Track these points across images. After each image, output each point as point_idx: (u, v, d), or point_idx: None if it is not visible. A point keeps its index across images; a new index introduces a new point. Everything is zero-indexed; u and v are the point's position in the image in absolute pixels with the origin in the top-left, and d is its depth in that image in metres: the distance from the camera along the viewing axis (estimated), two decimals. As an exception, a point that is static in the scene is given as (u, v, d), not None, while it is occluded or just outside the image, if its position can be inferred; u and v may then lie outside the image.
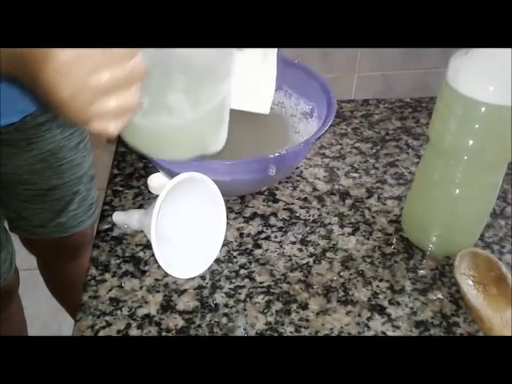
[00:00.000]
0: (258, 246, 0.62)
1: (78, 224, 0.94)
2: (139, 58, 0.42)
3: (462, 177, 0.55)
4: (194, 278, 0.58)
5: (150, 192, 0.69)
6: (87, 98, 0.41)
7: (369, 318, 0.55)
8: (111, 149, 0.81)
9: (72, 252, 1.00)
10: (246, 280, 0.58)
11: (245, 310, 0.55)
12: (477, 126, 0.51)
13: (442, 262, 0.61)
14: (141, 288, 0.57)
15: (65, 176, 0.87)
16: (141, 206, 0.67)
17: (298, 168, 0.74)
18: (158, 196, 0.54)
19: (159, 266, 0.56)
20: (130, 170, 0.73)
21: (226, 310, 0.55)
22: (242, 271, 0.59)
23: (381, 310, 0.56)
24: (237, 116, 0.72)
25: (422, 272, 0.60)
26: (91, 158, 0.92)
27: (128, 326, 0.54)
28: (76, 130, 0.86)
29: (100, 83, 0.40)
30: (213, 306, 0.56)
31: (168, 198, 0.54)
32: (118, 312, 0.55)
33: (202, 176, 0.57)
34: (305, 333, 0.53)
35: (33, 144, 0.81)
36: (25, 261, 1.09)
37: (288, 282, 0.58)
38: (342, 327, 0.54)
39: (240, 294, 0.57)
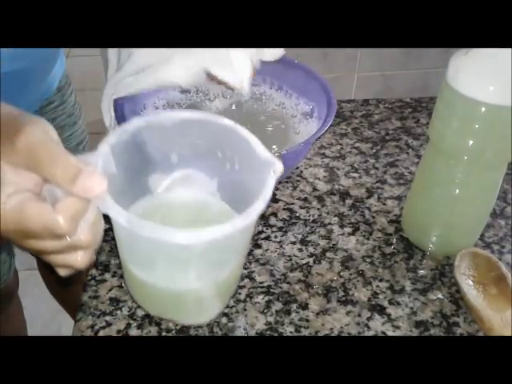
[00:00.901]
0: (258, 246, 0.62)
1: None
2: (83, 230, 0.37)
3: (461, 177, 0.55)
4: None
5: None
6: (26, 249, 0.38)
7: (369, 318, 0.55)
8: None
9: None
10: (246, 280, 0.58)
11: (245, 310, 0.55)
12: (477, 126, 0.51)
13: (442, 261, 0.61)
14: (141, 288, 0.57)
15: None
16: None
17: (298, 168, 0.74)
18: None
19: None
20: (130, 170, 0.73)
21: (226, 310, 0.55)
22: (242, 271, 0.59)
23: (381, 310, 0.56)
24: (237, 117, 0.72)
25: (421, 272, 0.60)
26: None
27: (128, 326, 0.54)
28: (75, 131, 0.86)
29: (35, 248, 0.38)
30: (213, 306, 0.56)
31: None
32: (118, 312, 0.55)
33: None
34: (305, 333, 0.53)
35: None
36: (25, 261, 1.09)
37: (288, 282, 0.58)
38: (341, 327, 0.54)
39: (240, 294, 0.57)
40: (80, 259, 0.38)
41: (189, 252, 0.41)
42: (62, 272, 0.40)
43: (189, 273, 0.44)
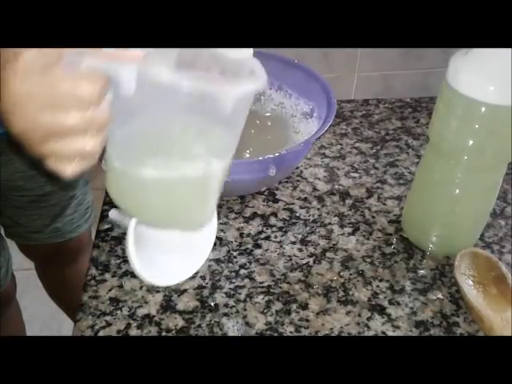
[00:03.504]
0: (258, 246, 0.62)
1: (75, 229, 0.93)
2: (103, 107, 0.37)
3: (461, 177, 0.55)
4: (194, 277, 0.58)
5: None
6: (38, 136, 0.37)
7: (369, 318, 0.55)
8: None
9: (69, 257, 1.00)
10: (246, 280, 0.58)
11: (245, 309, 0.55)
12: (477, 126, 0.51)
13: (441, 262, 0.61)
14: (141, 288, 0.57)
15: (59, 181, 0.86)
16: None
17: (298, 168, 0.74)
18: None
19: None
20: (130, 170, 0.73)
21: (226, 310, 0.55)
22: (242, 271, 0.59)
23: (381, 310, 0.56)
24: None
25: (422, 272, 0.60)
26: None
27: (128, 325, 0.54)
28: None
29: (52, 124, 0.36)
30: (213, 306, 0.56)
31: None
32: (118, 312, 0.55)
33: None
34: (305, 333, 0.53)
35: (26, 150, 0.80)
36: (24, 261, 1.09)
37: (288, 282, 0.58)
38: (342, 327, 0.54)
39: (240, 294, 0.57)
40: (92, 143, 0.37)
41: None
42: (69, 169, 0.39)
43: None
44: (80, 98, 0.35)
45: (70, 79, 0.34)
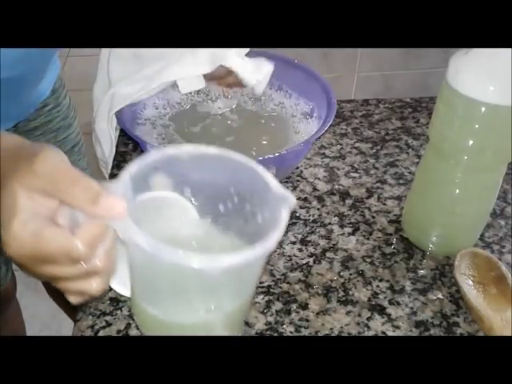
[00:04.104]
0: (258, 246, 0.62)
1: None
2: (100, 256, 0.37)
3: (461, 177, 0.55)
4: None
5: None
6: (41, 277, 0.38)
7: (369, 318, 0.55)
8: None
9: None
10: (246, 280, 0.58)
11: (245, 310, 0.55)
12: (477, 126, 0.51)
13: (441, 262, 0.61)
14: (141, 288, 0.57)
15: None
16: (141, 206, 0.67)
17: (298, 168, 0.74)
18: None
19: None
20: (130, 170, 0.73)
21: (226, 310, 0.55)
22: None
23: (381, 310, 0.56)
24: (237, 116, 0.72)
25: (422, 272, 0.60)
26: (86, 161, 0.92)
27: (128, 325, 0.54)
28: (70, 133, 0.86)
29: (50, 274, 0.37)
30: (213, 305, 0.56)
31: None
32: (118, 312, 0.55)
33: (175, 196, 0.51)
34: (305, 333, 0.53)
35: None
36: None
37: (288, 282, 0.58)
38: (342, 327, 0.54)
39: (240, 294, 0.57)
40: (95, 286, 0.38)
41: (204, 279, 0.41)
42: (74, 299, 0.39)
43: (200, 303, 0.44)
44: (70, 255, 0.35)
45: (58, 239, 0.35)
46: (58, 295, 1.13)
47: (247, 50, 0.67)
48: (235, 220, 0.50)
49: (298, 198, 0.69)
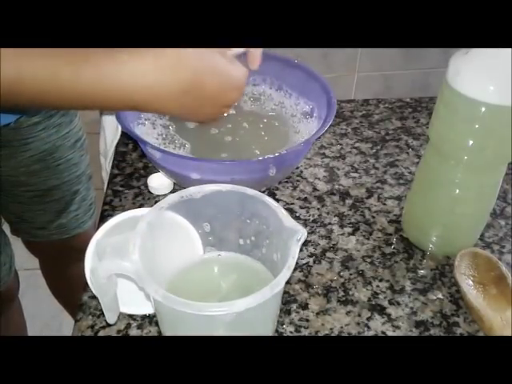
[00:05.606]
0: (258, 246, 0.62)
1: (80, 225, 0.94)
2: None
3: (461, 177, 0.55)
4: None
5: (150, 192, 0.69)
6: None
7: (369, 318, 0.55)
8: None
9: (74, 254, 1.00)
10: (246, 280, 0.58)
11: (245, 309, 0.55)
12: (477, 126, 0.51)
13: (441, 262, 0.61)
14: (141, 288, 0.57)
15: (63, 176, 0.86)
16: (141, 206, 0.67)
17: (298, 168, 0.74)
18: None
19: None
20: (130, 170, 0.73)
21: (226, 310, 0.55)
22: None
23: (381, 310, 0.56)
24: (237, 116, 0.72)
25: (422, 272, 0.60)
26: (88, 157, 0.92)
27: (128, 326, 0.54)
28: (72, 128, 0.86)
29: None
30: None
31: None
32: (118, 312, 0.55)
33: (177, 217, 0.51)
34: (305, 333, 0.53)
35: (29, 144, 0.80)
36: (26, 261, 1.09)
37: (288, 282, 0.58)
38: (342, 327, 0.54)
39: (240, 293, 0.57)
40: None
41: (217, 322, 0.43)
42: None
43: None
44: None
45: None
46: (61, 294, 1.13)
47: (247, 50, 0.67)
48: (252, 250, 0.52)
49: (298, 198, 0.69)
